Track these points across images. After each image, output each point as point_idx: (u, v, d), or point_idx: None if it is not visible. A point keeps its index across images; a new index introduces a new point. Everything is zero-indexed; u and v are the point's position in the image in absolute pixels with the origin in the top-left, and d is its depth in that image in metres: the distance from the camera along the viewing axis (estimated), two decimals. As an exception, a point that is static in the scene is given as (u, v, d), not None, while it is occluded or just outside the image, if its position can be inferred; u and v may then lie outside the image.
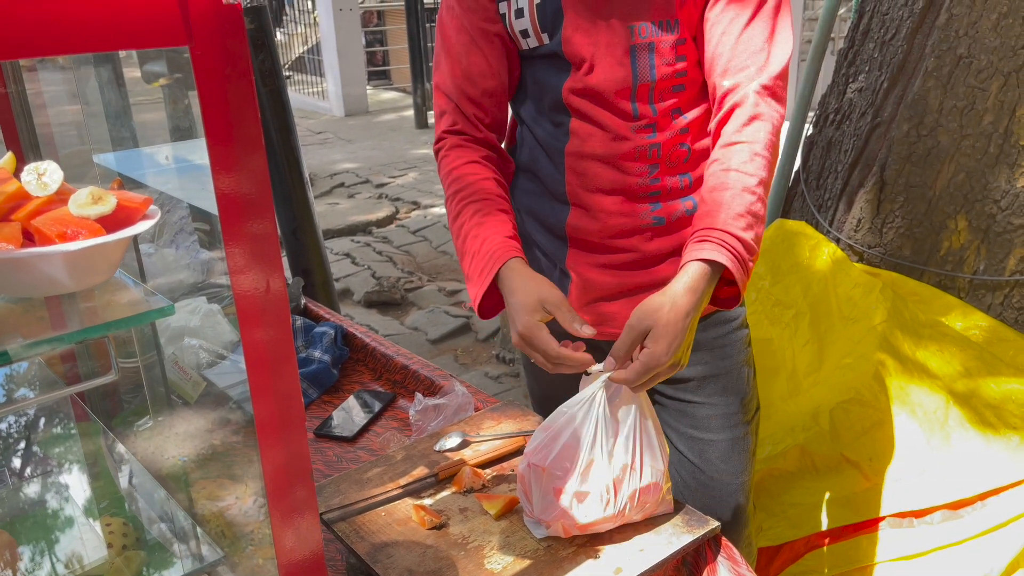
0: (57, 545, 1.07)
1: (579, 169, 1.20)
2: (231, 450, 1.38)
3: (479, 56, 1.19)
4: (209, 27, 0.60)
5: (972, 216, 2.01)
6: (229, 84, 0.61)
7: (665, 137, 1.17)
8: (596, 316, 1.26)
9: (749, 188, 1.06)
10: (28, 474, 1.17)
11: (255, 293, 0.66)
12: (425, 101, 8.77)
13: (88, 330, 0.63)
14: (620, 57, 1.13)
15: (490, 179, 1.20)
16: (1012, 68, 1.90)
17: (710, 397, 1.29)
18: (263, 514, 1.18)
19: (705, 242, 1.04)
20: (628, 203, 1.20)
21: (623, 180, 1.18)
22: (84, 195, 0.65)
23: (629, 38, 1.12)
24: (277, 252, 0.68)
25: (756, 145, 1.08)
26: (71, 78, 1.43)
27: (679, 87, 1.16)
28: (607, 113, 1.16)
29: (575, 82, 1.16)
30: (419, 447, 1.28)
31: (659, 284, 1.13)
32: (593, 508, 1.02)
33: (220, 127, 0.62)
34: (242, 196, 0.64)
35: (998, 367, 1.79)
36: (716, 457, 1.31)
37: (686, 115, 1.18)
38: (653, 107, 1.16)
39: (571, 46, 1.14)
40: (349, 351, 1.74)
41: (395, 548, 1.05)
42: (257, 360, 0.68)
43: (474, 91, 1.21)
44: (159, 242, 1.86)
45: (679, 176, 1.20)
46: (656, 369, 0.99)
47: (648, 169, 1.18)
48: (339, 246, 5.07)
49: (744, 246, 1.04)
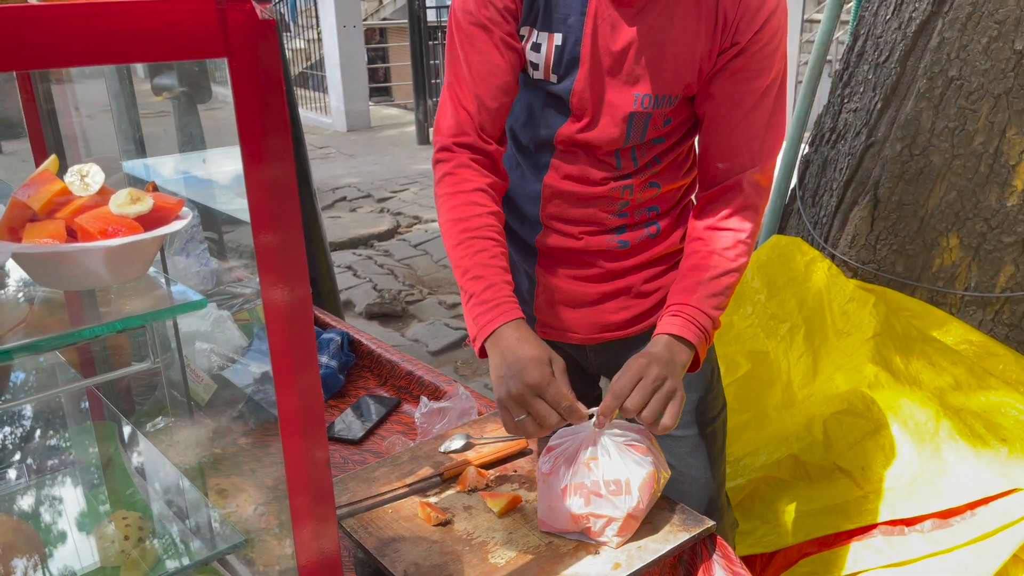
0: (74, 538, 1.10)
1: (553, 199, 1.25)
2: (241, 451, 1.41)
3: (500, 66, 1.16)
4: (246, 40, 0.65)
5: (963, 234, 2.06)
6: (264, 95, 0.66)
7: (638, 180, 1.23)
8: (558, 321, 1.33)
9: (728, 271, 1.16)
10: (46, 468, 1.21)
11: (283, 296, 0.70)
12: (427, 117, 8.85)
13: (128, 320, 0.67)
14: (619, 120, 1.17)
15: (495, 213, 1.18)
16: (1002, 90, 1.96)
17: None
18: (272, 513, 1.22)
19: (676, 316, 1.14)
20: (597, 233, 1.26)
21: (594, 214, 1.25)
22: (123, 195, 0.69)
23: (631, 105, 1.16)
24: (303, 258, 0.72)
25: (741, 234, 1.17)
26: (86, 89, 1.47)
27: (659, 140, 1.22)
28: (591, 161, 1.22)
29: (571, 130, 1.20)
30: (424, 448, 1.32)
31: (621, 293, 1.30)
32: None
33: (254, 137, 0.66)
34: (273, 204, 0.68)
35: (988, 380, 1.84)
36: (684, 452, 1.36)
37: (660, 160, 1.23)
38: (635, 160, 1.22)
39: (579, 99, 1.17)
40: (355, 357, 1.78)
41: (402, 543, 1.09)
42: (283, 359, 0.72)
43: (493, 103, 1.17)
44: (170, 251, 1.91)
45: (647, 209, 1.27)
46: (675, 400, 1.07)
47: (618, 207, 1.25)
48: (341, 259, 5.12)
49: (712, 322, 1.15)
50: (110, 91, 2.28)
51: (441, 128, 1.20)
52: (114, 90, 2.30)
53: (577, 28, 1.13)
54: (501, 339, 1.08)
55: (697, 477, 1.37)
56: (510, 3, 1.14)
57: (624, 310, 1.31)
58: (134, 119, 2.35)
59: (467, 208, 1.16)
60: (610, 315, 1.31)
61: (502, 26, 1.15)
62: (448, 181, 1.18)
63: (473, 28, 1.15)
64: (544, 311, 1.33)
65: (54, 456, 1.25)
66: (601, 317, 1.31)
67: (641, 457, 1.09)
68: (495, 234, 1.16)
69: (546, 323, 1.34)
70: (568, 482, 1.07)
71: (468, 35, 1.16)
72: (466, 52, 1.16)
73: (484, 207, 1.16)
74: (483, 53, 1.15)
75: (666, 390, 1.06)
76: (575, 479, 1.07)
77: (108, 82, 2.22)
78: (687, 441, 1.36)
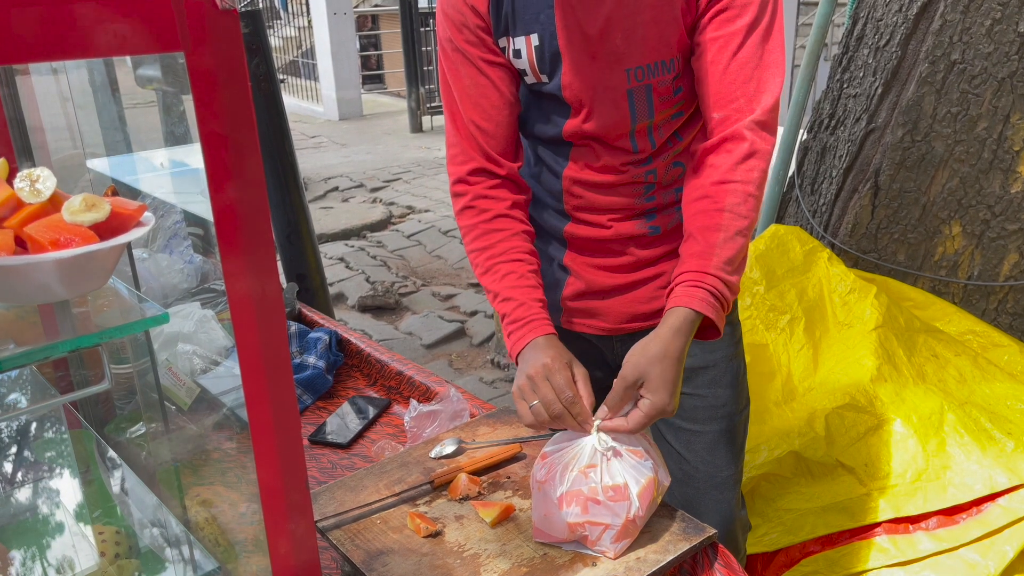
0: (49, 553, 1.06)
1: (576, 192, 1.23)
2: (225, 457, 1.37)
3: (488, 87, 1.16)
4: (205, 33, 0.60)
5: (966, 221, 2.02)
6: (225, 90, 0.61)
7: (661, 163, 1.19)
8: (588, 310, 1.30)
9: (741, 231, 1.07)
10: (19, 481, 1.16)
11: (251, 299, 0.66)
12: (420, 105, 8.77)
13: (81, 339, 0.62)
14: (617, 101, 1.13)
15: (519, 233, 1.18)
16: (1006, 74, 1.91)
17: (698, 389, 1.31)
18: (257, 521, 1.18)
19: (696, 288, 1.06)
20: (625, 220, 1.23)
21: (620, 202, 1.21)
22: (78, 202, 0.64)
23: (626, 82, 1.12)
24: (273, 258, 0.68)
25: (749, 186, 1.08)
26: (64, 81, 1.42)
27: (677, 115, 1.17)
28: (607, 149, 1.18)
29: (575, 124, 1.17)
30: (414, 454, 1.27)
31: (652, 280, 1.25)
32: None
33: (215, 133, 0.61)
34: (238, 202, 0.63)
35: (993, 372, 1.80)
36: (702, 448, 1.32)
37: (682, 137, 1.19)
38: (652, 140, 1.17)
39: (571, 91, 1.14)
40: (344, 357, 1.73)
41: (390, 556, 1.04)
42: (252, 367, 0.67)
43: (489, 124, 1.17)
44: (153, 247, 1.86)
45: (674, 191, 1.22)
46: (660, 417, 1.04)
47: (644, 191, 1.21)
48: (333, 250, 5.06)
49: (730, 289, 1.07)
50: (94, 83, 2.21)
51: (450, 158, 1.22)
52: (99, 81, 2.23)
53: (549, 23, 1.11)
54: (529, 351, 1.11)
55: (714, 475, 1.33)
56: (479, 21, 1.13)
57: (655, 299, 1.27)
58: (118, 112, 2.29)
59: (490, 236, 1.18)
60: (640, 305, 1.27)
61: (480, 46, 1.15)
62: (468, 214, 1.20)
63: (455, 54, 1.16)
64: (575, 300, 1.30)
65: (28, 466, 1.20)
66: (631, 307, 1.28)
67: (640, 462, 1.04)
68: (521, 254, 1.17)
69: (575, 311, 1.31)
70: (564, 490, 1.02)
71: (452, 62, 1.17)
72: (454, 78, 1.18)
73: (507, 231, 1.18)
74: (470, 77, 1.16)
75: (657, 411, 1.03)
76: (572, 487, 1.02)
77: (90, 74, 2.15)
78: (706, 437, 1.32)
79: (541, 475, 1.05)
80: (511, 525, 1.09)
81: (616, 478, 1.02)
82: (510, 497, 1.16)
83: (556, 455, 1.05)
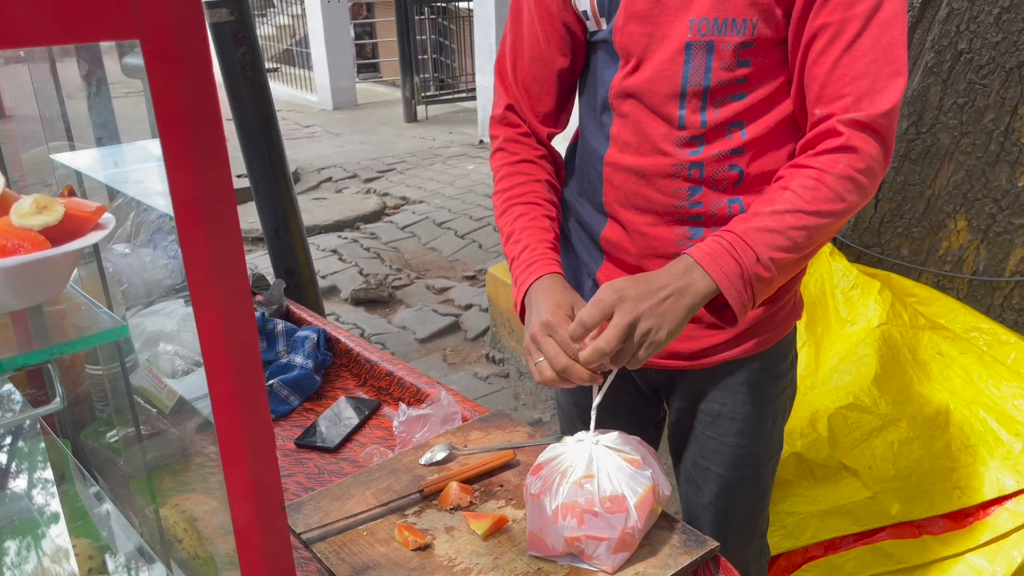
0: (22, 566, 1.01)
1: (616, 181, 1.10)
2: (207, 461, 1.32)
3: (536, 39, 1.13)
4: (163, 18, 0.54)
5: (972, 215, 1.97)
6: (185, 81, 0.55)
7: (710, 155, 1.03)
8: None
9: (800, 211, 0.93)
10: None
11: (217, 305, 0.60)
12: (414, 95, 8.69)
13: (28, 355, 0.57)
14: (672, 55, 0.99)
15: (541, 180, 1.16)
16: (1014, 64, 1.85)
17: (721, 436, 1.22)
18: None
19: (714, 242, 0.94)
20: (663, 225, 1.08)
21: (658, 199, 1.07)
22: (28, 204, 0.59)
23: (686, 33, 0.97)
24: (242, 261, 0.62)
25: (827, 176, 0.94)
26: (36, 70, 1.36)
27: (739, 95, 1.00)
28: (650, 119, 1.04)
29: (620, 81, 1.04)
30: (403, 460, 1.22)
31: None
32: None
33: (175, 127, 0.56)
34: (201, 201, 0.58)
35: (999, 371, 1.75)
36: (715, 485, 1.26)
37: (745, 131, 1.02)
38: (704, 117, 1.01)
39: (622, 35, 1.01)
40: (332, 356, 1.68)
41: (377, 571, 0.99)
42: (220, 383, 0.62)
43: (524, 74, 1.15)
44: (135, 242, 1.80)
45: (727, 201, 1.05)
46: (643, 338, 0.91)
47: (688, 191, 1.05)
48: (326, 242, 5.00)
49: (762, 265, 0.93)
50: (80, 71, 2.15)
51: (494, 100, 1.21)
52: (87, 72, 2.17)
53: None
54: (533, 292, 1.05)
55: (717, 508, 1.26)
56: None
57: (691, 340, 1.13)
58: (105, 103, 2.22)
59: (513, 178, 1.16)
60: (677, 343, 1.13)
61: None
62: (498, 156, 1.19)
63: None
64: None
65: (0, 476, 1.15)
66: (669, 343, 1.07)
67: (637, 471, 0.99)
68: (538, 199, 1.14)
69: None
70: (560, 502, 0.97)
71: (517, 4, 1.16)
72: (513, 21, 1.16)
73: (529, 176, 1.16)
74: (525, 24, 1.14)
75: (639, 333, 0.91)
76: (567, 499, 0.97)
77: (74, 64, 2.09)
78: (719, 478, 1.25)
79: (536, 488, 1.00)
80: (504, 538, 1.04)
81: (614, 488, 0.97)
82: (503, 507, 1.11)
83: (551, 467, 1.00)
